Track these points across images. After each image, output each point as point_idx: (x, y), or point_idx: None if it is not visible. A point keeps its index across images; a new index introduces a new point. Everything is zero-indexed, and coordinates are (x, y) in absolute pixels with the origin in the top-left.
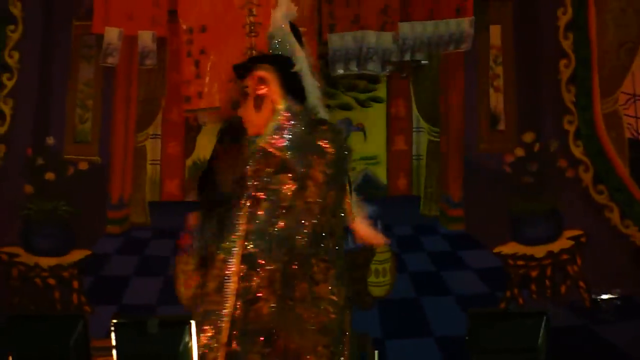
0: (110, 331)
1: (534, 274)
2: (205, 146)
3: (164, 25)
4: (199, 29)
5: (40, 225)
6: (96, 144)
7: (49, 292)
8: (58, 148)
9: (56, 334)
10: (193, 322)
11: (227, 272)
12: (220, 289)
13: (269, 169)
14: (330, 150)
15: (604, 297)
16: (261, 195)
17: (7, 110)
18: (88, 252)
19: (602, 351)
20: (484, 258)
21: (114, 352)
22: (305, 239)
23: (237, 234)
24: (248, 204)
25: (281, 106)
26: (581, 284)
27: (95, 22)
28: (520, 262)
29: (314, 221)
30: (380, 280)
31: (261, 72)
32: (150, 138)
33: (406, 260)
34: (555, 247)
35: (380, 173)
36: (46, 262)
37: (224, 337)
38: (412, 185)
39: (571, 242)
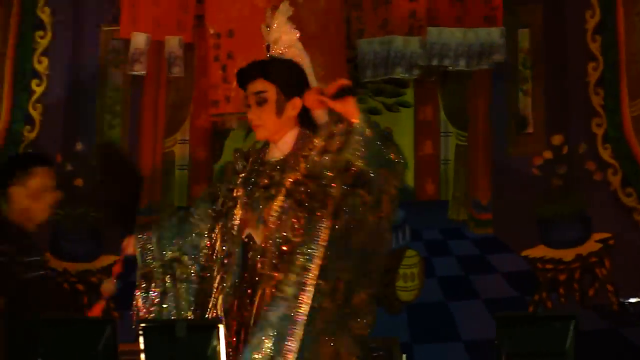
0: (138, 335)
1: (562, 277)
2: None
3: (189, 30)
4: (226, 33)
5: (69, 231)
6: (125, 149)
7: (77, 298)
8: (87, 154)
9: (84, 338)
10: (221, 326)
11: (306, 278)
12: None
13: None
14: (399, 165)
15: (632, 300)
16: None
17: (36, 116)
18: (117, 258)
19: (630, 355)
20: (513, 262)
21: (142, 356)
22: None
23: (319, 242)
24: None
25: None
26: (609, 287)
27: (123, 26)
28: (549, 266)
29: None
30: (408, 285)
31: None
32: (179, 143)
33: (434, 264)
34: (584, 250)
35: (408, 178)
36: (75, 267)
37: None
38: (440, 190)
39: (599, 245)
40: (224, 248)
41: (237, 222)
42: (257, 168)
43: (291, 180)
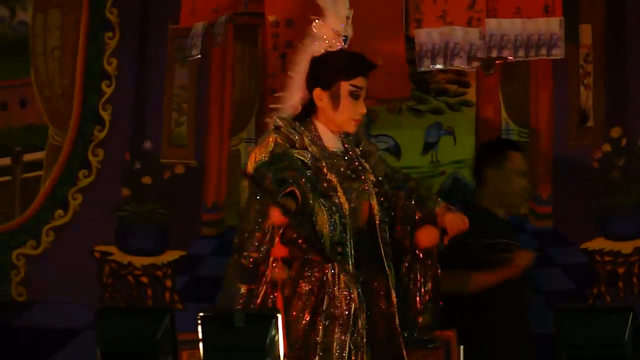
0: (197, 324)
1: (621, 270)
2: None
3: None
4: (285, 22)
5: (136, 227)
6: (192, 147)
7: (141, 290)
8: (155, 152)
9: (143, 327)
10: (279, 316)
11: None
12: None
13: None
14: None
15: None
16: None
17: (106, 117)
18: (183, 253)
19: None
20: (572, 255)
21: (201, 345)
22: None
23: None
24: None
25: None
26: None
27: (183, 17)
28: (608, 258)
29: None
30: None
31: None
32: (244, 142)
33: None
34: None
35: (470, 176)
36: (140, 261)
37: None
38: None
39: None
40: (338, 236)
41: (346, 211)
42: (328, 154)
43: (371, 178)
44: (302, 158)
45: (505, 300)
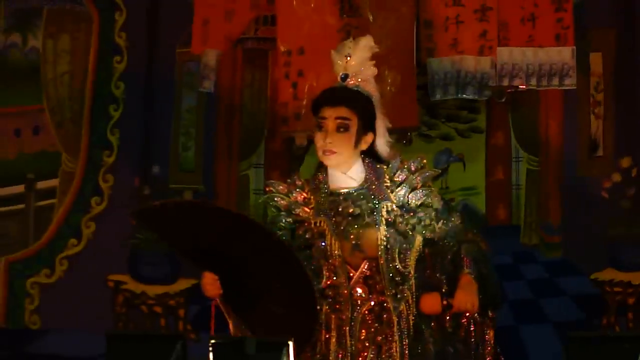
0: (209, 352)
1: (631, 301)
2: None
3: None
4: (297, 51)
5: (148, 255)
6: (200, 172)
7: (154, 320)
8: (164, 177)
9: (154, 354)
10: (291, 344)
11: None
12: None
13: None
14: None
15: None
16: None
17: (114, 141)
18: (195, 281)
19: None
20: (582, 285)
21: None
22: None
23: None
24: None
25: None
26: None
27: (194, 43)
28: (618, 289)
29: None
30: None
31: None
32: (253, 167)
33: (506, 289)
34: None
35: (480, 203)
36: (153, 290)
37: None
38: (511, 215)
39: None
40: (325, 281)
41: (336, 252)
42: (327, 198)
43: (387, 210)
44: (283, 225)
45: None
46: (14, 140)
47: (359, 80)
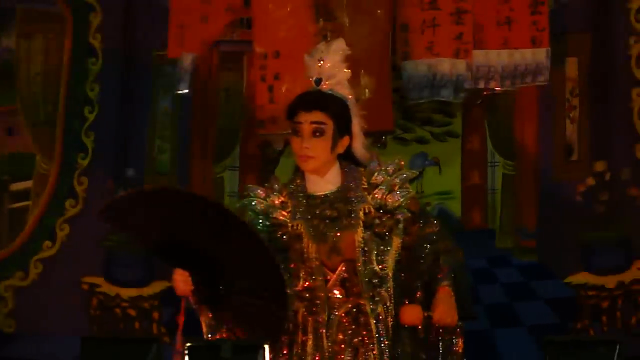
0: (183, 355)
1: (604, 304)
2: (282, 179)
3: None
4: (273, 54)
5: (122, 257)
6: (175, 175)
7: (128, 323)
8: (138, 179)
9: (130, 357)
10: (267, 347)
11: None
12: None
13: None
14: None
15: None
16: None
17: (89, 144)
18: (169, 284)
19: None
20: (556, 288)
21: None
22: None
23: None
24: None
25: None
26: None
27: (170, 47)
28: (591, 293)
29: None
30: None
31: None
32: (228, 170)
33: (480, 292)
34: (626, 277)
35: (455, 208)
36: (127, 292)
37: None
38: (487, 219)
39: None
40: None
41: (313, 255)
42: (305, 201)
43: (364, 212)
44: (260, 228)
45: None
46: None
47: (333, 83)
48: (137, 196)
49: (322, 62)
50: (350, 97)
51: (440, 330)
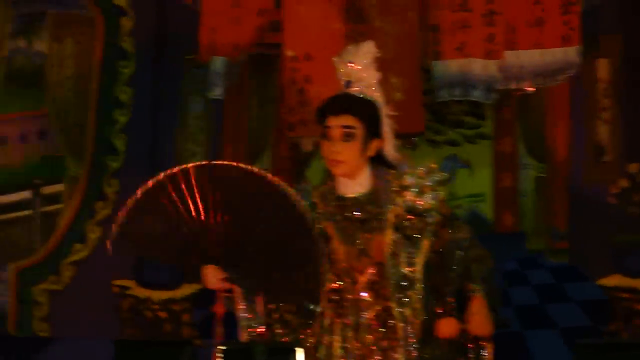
0: (217, 358)
1: (638, 307)
2: (314, 181)
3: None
4: (304, 57)
5: (152, 260)
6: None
7: (159, 325)
8: None
9: (163, 359)
10: (301, 350)
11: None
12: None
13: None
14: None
15: None
16: None
17: (120, 146)
18: (200, 286)
19: None
20: (588, 290)
21: None
22: None
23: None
24: None
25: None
26: None
27: (202, 51)
28: (625, 295)
29: None
30: None
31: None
32: None
33: (511, 294)
34: None
35: (486, 210)
36: (158, 295)
37: None
38: (518, 221)
39: None
40: (329, 285)
41: (341, 257)
42: (335, 203)
43: (395, 214)
44: None
45: None
46: (20, 146)
47: (363, 86)
48: (137, 204)
49: (351, 65)
50: (380, 98)
51: (470, 338)
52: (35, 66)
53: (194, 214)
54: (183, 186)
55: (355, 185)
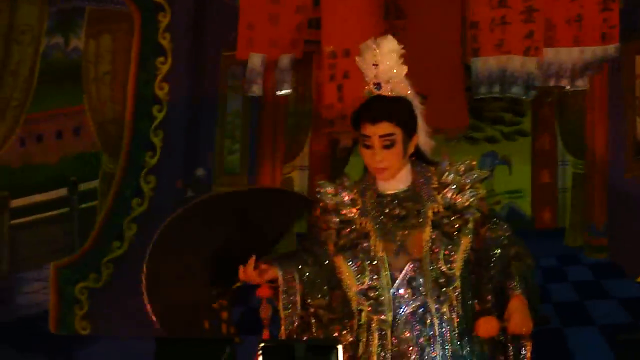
0: (257, 355)
1: None
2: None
3: (301, 46)
4: (342, 53)
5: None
6: (245, 175)
7: (197, 323)
8: (208, 180)
9: (204, 358)
10: (340, 347)
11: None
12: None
13: None
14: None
15: None
16: None
17: (157, 142)
18: (238, 283)
19: None
20: (628, 287)
21: None
22: None
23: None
24: None
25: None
26: None
27: (240, 47)
28: None
29: None
30: None
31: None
32: (298, 169)
33: (550, 290)
34: None
35: (525, 206)
36: None
37: None
38: (557, 218)
39: None
40: (367, 282)
41: (380, 253)
42: (375, 199)
43: (433, 211)
44: (328, 223)
45: None
46: (56, 143)
47: (393, 84)
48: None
49: (377, 65)
50: (410, 93)
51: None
52: (71, 62)
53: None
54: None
55: (395, 181)
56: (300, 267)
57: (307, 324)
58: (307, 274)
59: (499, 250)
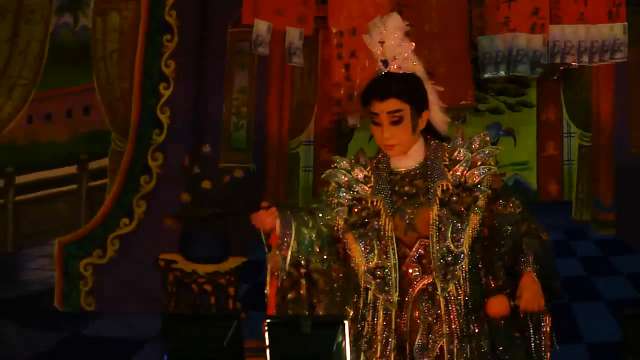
0: (263, 331)
1: None
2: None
3: (310, 24)
4: (349, 31)
5: (198, 234)
6: (250, 151)
7: (204, 298)
8: (214, 156)
9: (210, 334)
10: (346, 322)
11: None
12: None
13: None
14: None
15: None
16: None
17: (164, 120)
18: (244, 259)
19: None
20: (636, 263)
21: (268, 352)
22: None
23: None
24: None
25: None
26: None
27: (245, 13)
28: None
29: None
30: None
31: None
32: (303, 144)
33: (557, 265)
34: None
35: (531, 178)
36: (203, 269)
37: None
38: (563, 191)
39: None
40: (375, 260)
41: (389, 233)
42: (387, 177)
43: (442, 189)
44: (339, 200)
45: None
46: (65, 121)
47: (400, 61)
48: None
49: (382, 42)
50: (419, 69)
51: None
52: (80, 41)
53: None
54: None
55: (407, 158)
56: (297, 225)
57: (295, 282)
58: (304, 233)
59: (511, 228)
